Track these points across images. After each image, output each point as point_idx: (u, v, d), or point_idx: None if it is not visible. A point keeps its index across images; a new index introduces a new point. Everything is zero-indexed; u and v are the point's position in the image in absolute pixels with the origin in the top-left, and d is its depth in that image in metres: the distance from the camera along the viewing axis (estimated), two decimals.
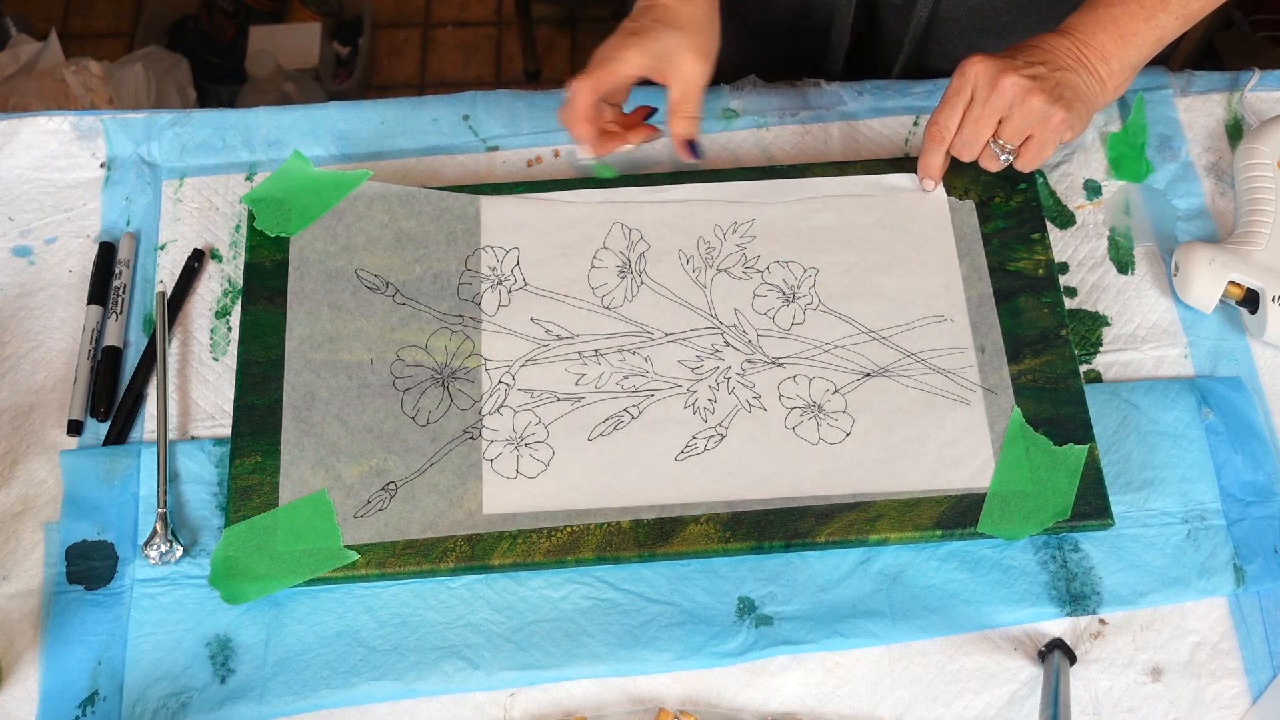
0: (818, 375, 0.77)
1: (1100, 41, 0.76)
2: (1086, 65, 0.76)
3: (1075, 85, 0.75)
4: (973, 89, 0.76)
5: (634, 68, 0.76)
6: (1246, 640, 0.72)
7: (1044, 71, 0.74)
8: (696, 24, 0.77)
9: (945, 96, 0.77)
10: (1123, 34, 0.76)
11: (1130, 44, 0.76)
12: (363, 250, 0.81)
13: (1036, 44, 0.76)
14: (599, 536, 0.72)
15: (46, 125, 0.89)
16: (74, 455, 0.77)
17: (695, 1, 0.78)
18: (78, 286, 0.84)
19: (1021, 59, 0.75)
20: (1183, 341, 0.80)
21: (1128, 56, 0.76)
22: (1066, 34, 0.77)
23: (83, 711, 0.70)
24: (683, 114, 0.78)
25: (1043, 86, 0.74)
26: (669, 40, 0.76)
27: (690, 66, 0.77)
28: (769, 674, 0.71)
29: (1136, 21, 0.76)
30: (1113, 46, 0.76)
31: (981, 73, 0.75)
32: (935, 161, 0.80)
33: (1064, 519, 0.72)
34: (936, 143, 0.79)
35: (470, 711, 0.71)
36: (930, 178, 0.82)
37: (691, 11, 0.78)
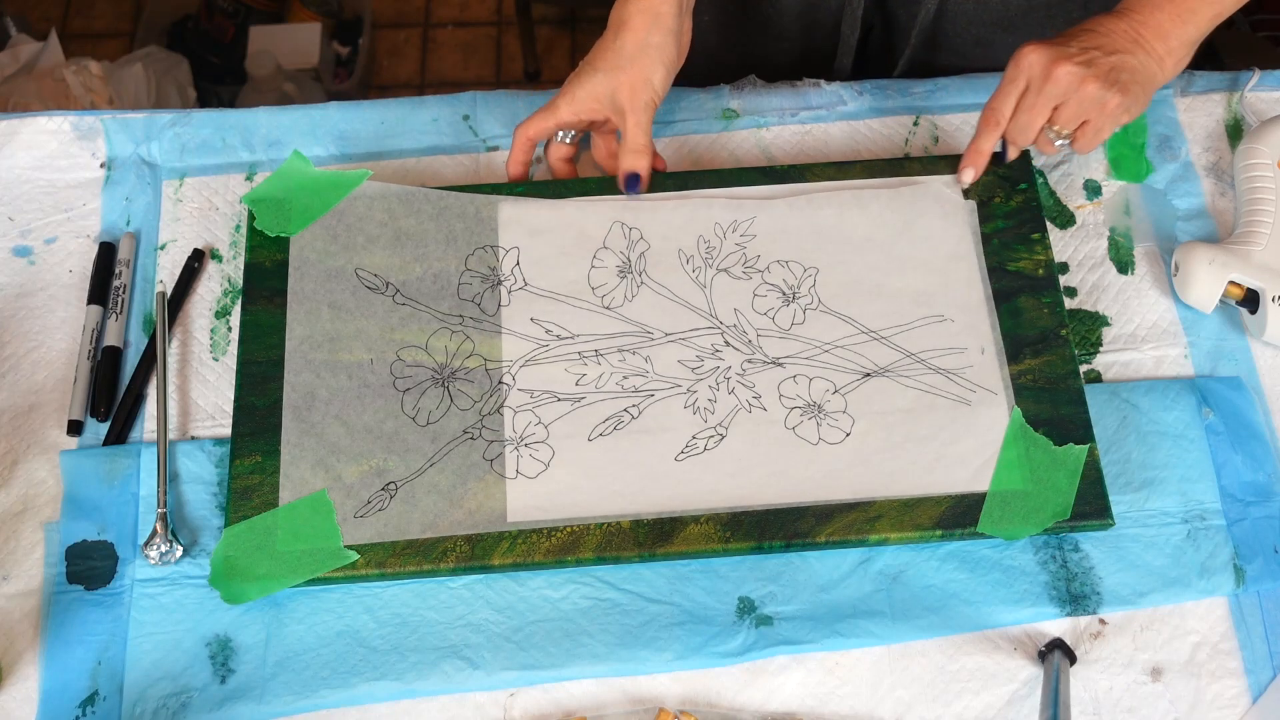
0: (818, 375, 0.77)
1: (1158, 20, 0.76)
2: (1144, 45, 0.76)
3: (1132, 67, 0.75)
4: (1028, 79, 0.76)
5: (567, 115, 0.81)
6: (1246, 640, 0.72)
7: (1098, 56, 0.74)
8: (635, 57, 0.79)
9: (1001, 86, 0.78)
10: (1180, 11, 0.76)
11: (1189, 21, 0.76)
12: (362, 250, 0.81)
13: (1092, 27, 0.76)
14: (599, 536, 0.72)
15: (46, 125, 0.89)
16: (74, 455, 0.77)
17: (639, 35, 0.79)
18: (78, 286, 0.84)
19: (1076, 45, 0.75)
20: (1183, 341, 0.80)
21: (1186, 33, 0.76)
22: (1123, 15, 0.77)
23: (83, 711, 0.70)
24: (629, 149, 0.81)
25: (1097, 72, 0.74)
26: (603, 82, 0.79)
27: (631, 100, 0.79)
28: (769, 674, 0.71)
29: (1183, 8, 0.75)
30: (1171, 24, 0.76)
31: (1035, 62, 0.75)
32: (986, 147, 0.80)
33: (1064, 519, 0.72)
34: (991, 127, 0.79)
35: (470, 711, 0.71)
36: (974, 166, 0.80)
37: (633, 42, 0.79)
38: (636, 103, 0.79)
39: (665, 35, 0.79)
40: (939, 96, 0.89)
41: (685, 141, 0.88)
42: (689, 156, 0.88)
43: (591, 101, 0.80)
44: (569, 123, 0.81)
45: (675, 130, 0.88)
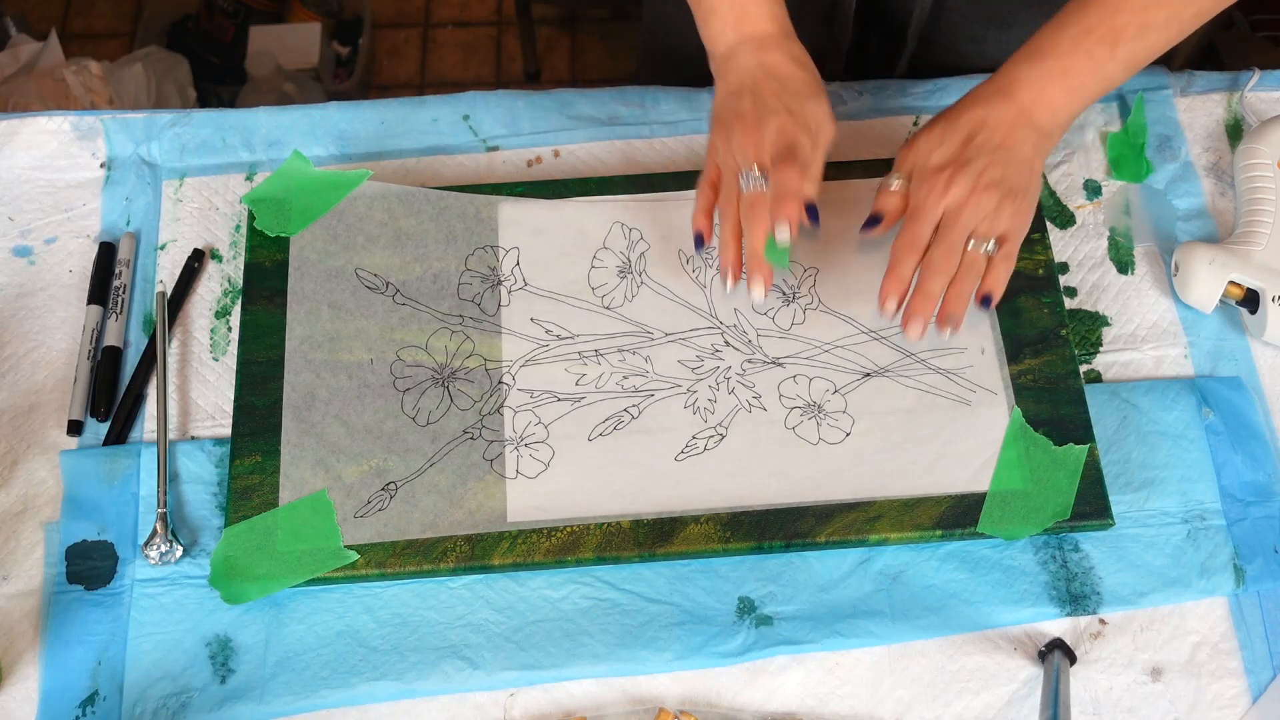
0: (818, 375, 0.77)
1: (1050, 96, 0.73)
2: (1034, 127, 0.74)
3: (1016, 175, 0.73)
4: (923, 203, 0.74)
5: (811, 151, 0.74)
6: (1246, 640, 0.72)
7: (984, 164, 0.73)
8: (821, 87, 0.76)
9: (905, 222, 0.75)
10: (1072, 87, 0.73)
11: (1079, 98, 0.74)
12: (362, 250, 0.81)
13: (980, 118, 0.74)
14: (599, 536, 0.72)
15: (46, 125, 0.89)
16: (74, 455, 0.77)
17: (807, 66, 0.76)
18: (78, 286, 0.84)
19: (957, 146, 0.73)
20: (1183, 341, 0.80)
21: (1075, 109, 0.75)
22: (1011, 95, 0.74)
23: (83, 711, 0.70)
24: (813, 176, 0.74)
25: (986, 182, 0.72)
26: (818, 112, 0.75)
27: (829, 131, 0.75)
28: (769, 674, 0.71)
29: (1086, 74, 0.73)
30: (1063, 100, 0.73)
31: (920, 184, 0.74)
32: (907, 272, 0.74)
33: (1064, 519, 0.72)
34: (911, 252, 0.74)
35: (470, 711, 0.71)
36: (896, 295, 0.74)
37: (812, 77, 0.76)
38: (834, 130, 0.77)
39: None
40: (939, 96, 0.89)
41: (686, 141, 0.88)
42: (689, 157, 0.88)
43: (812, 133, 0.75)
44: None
45: (676, 130, 0.88)
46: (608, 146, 0.88)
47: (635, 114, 0.89)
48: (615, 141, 0.88)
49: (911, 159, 0.76)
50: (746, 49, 0.76)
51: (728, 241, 0.75)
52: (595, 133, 0.88)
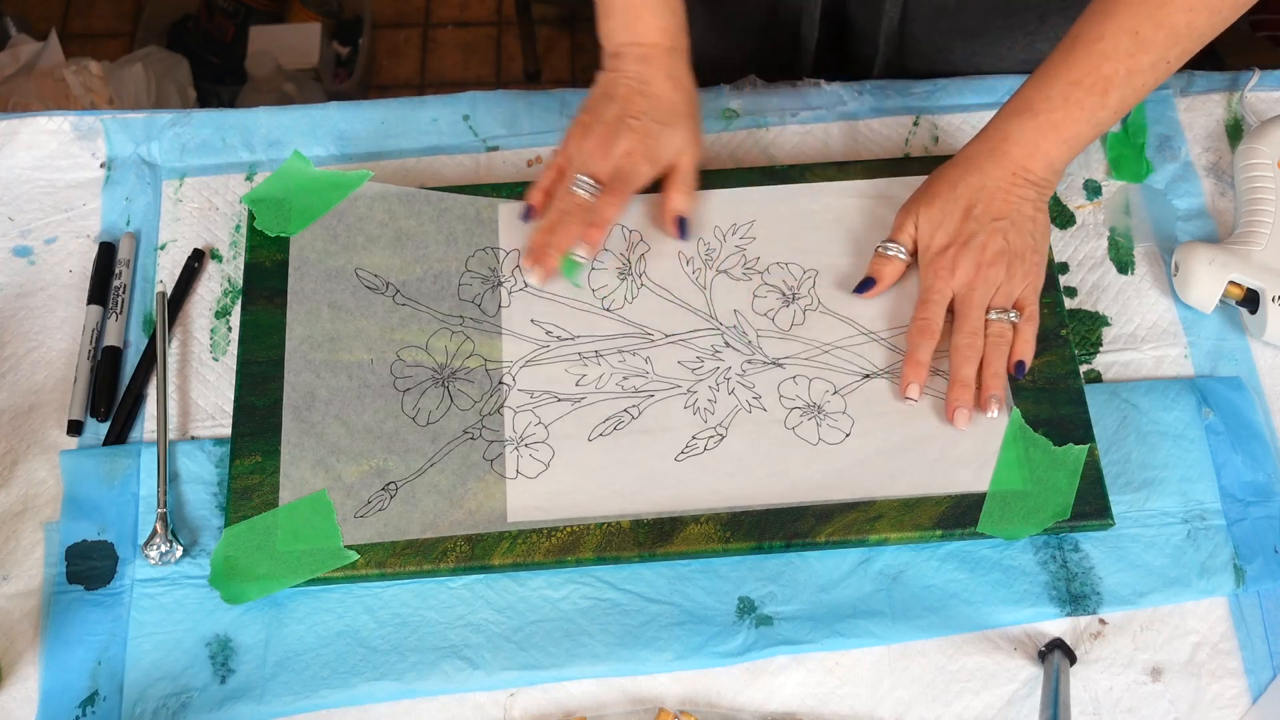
0: (817, 376, 0.77)
1: (1044, 150, 0.74)
2: (1031, 183, 0.75)
3: (1019, 239, 0.75)
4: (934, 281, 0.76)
5: (649, 179, 0.80)
6: (1246, 640, 0.72)
7: (983, 237, 0.74)
8: (692, 111, 0.80)
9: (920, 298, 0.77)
10: (1066, 139, 0.74)
11: (1073, 147, 0.75)
12: (363, 250, 0.81)
13: (974, 200, 0.75)
14: (599, 536, 0.72)
15: (46, 125, 0.89)
16: (74, 455, 0.77)
17: (684, 87, 0.80)
18: (78, 286, 0.84)
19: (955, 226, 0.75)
20: (1183, 341, 0.80)
21: (1070, 157, 0.75)
22: (1004, 155, 0.74)
23: (83, 711, 0.70)
24: (683, 191, 0.80)
25: (993, 275, 0.74)
26: (674, 141, 0.79)
27: (692, 157, 0.80)
28: (769, 674, 0.71)
29: (1079, 124, 0.73)
30: (1057, 151, 0.74)
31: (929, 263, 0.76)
32: (925, 356, 0.75)
33: (1064, 519, 0.72)
34: (926, 336, 0.75)
35: (470, 711, 0.71)
36: (918, 380, 0.74)
37: (685, 100, 0.80)
38: (699, 155, 0.81)
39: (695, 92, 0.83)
40: (939, 96, 0.89)
41: None
42: None
43: (668, 164, 0.81)
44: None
45: None
46: None
47: None
48: None
49: (911, 232, 0.77)
50: (632, 54, 0.80)
51: (547, 230, 0.79)
52: None
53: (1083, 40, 0.72)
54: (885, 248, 0.78)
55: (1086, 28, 0.73)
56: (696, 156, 0.80)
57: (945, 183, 0.76)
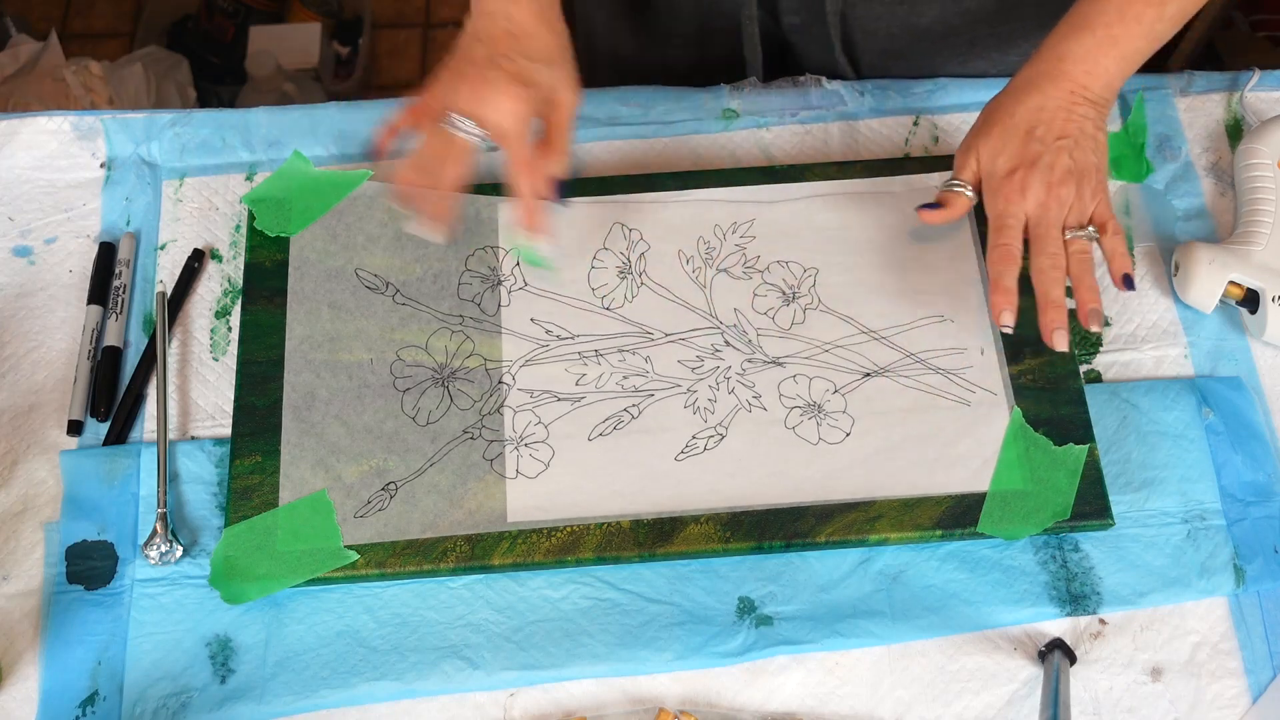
0: (818, 375, 0.77)
1: (1103, 67, 0.72)
2: (1090, 101, 0.72)
3: (1084, 156, 0.72)
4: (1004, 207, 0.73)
5: (527, 117, 0.74)
6: (1246, 640, 0.72)
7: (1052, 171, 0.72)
8: (564, 53, 0.76)
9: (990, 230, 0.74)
10: (1124, 54, 0.72)
11: (1131, 63, 0.73)
12: (362, 250, 0.81)
13: (1035, 122, 0.72)
14: (599, 536, 0.72)
15: (46, 125, 0.89)
16: (74, 455, 0.77)
17: (556, 28, 0.76)
18: (78, 286, 0.84)
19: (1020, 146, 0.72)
20: (1183, 341, 0.80)
21: (1127, 74, 0.74)
22: (1062, 75, 0.72)
23: (83, 711, 0.70)
24: (558, 151, 0.75)
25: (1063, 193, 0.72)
26: (548, 76, 0.74)
27: (570, 100, 0.75)
28: (769, 674, 0.71)
29: (1137, 39, 0.72)
30: (1116, 68, 0.72)
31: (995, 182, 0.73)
32: (1012, 282, 0.73)
33: (1064, 519, 0.72)
34: (1008, 261, 0.73)
35: (470, 711, 0.71)
36: (1010, 307, 0.72)
37: (557, 41, 0.75)
38: (576, 101, 0.76)
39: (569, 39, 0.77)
40: (939, 96, 0.89)
41: (685, 141, 0.88)
42: (689, 156, 0.88)
43: (544, 102, 0.76)
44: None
45: (675, 130, 0.88)
46: (608, 146, 0.88)
47: (635, 114, 0.89)
48: (615, 141, 0.88)
49: (974, 166, 0.75)
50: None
51: (419, 171, 0.76)
52: (595, 133, 0.88)
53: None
54: (950, 185, 0.76)
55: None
56: (574, 99, 0.75)
57: (1002, 111, 0.74)
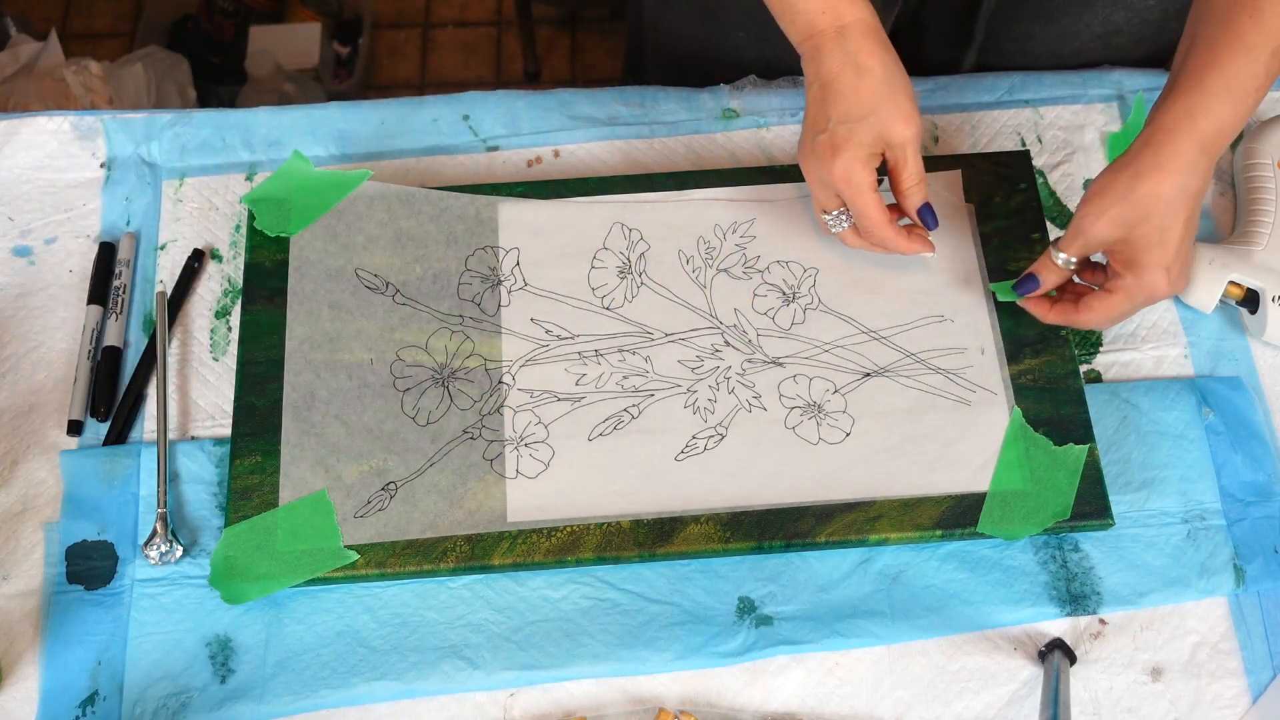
0: (818, 375, 0.77)
1: (1233, 126, 0.67)
2: (1213, 161, 0.68)
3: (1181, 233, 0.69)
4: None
5: (873, 181, 0.73)
6: (1246, 640, 0.72)
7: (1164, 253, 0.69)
8: (885, 87, 0.71)
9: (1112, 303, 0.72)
10: (1236, 99, 0.67)
11: (1246, 105, 0.68)
12: (362, 250, 0.81)
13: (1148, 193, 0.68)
14: (599, 536, 0.72)
15: (46, 125, 0.89)
16: (74, 455, 0.77)
17: (866, 65, 0.71)
18: (78, 286, 0.84)
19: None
20: (1183, 341, 0.80)
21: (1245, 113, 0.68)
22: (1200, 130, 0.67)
23: (83, 711, 0.70)
24: (907, 189, 0.75)
25: (1187, 272, 0.70)
26: (867, 128, 0.72)
27: (901, 134, 0.72)
28: (769, 674, 0.71)
29: (1262, 92, 0.67)
30: (1231, 118, 0.67)
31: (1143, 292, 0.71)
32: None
33: (1064, 519, 0.72)
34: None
35: (470, 711, 0.71)
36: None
37: (870, 82, 0.71)
38: (909, 131, 0.73)
39: (892, 56, 0.73)
40: (939, 96, 0.89)
41: (685, 141, 0.88)
42: (689, 156, 0.88)
43: (881, 151, 0.74)
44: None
45: (675, 130, 0.88)
46: (608, 146, 0.88)
47: (635, 114, 0.89)
48: (615, 141, 0.88)
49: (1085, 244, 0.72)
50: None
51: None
52: (595, 133, 0.88)
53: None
54: (1055, 255, 0.74)
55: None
56: (906, 132, 0.72)
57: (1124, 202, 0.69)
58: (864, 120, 0.72)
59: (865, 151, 0.72)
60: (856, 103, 0.71)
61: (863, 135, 0.72)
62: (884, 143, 0.72)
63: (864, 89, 0.71)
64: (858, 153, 0.72)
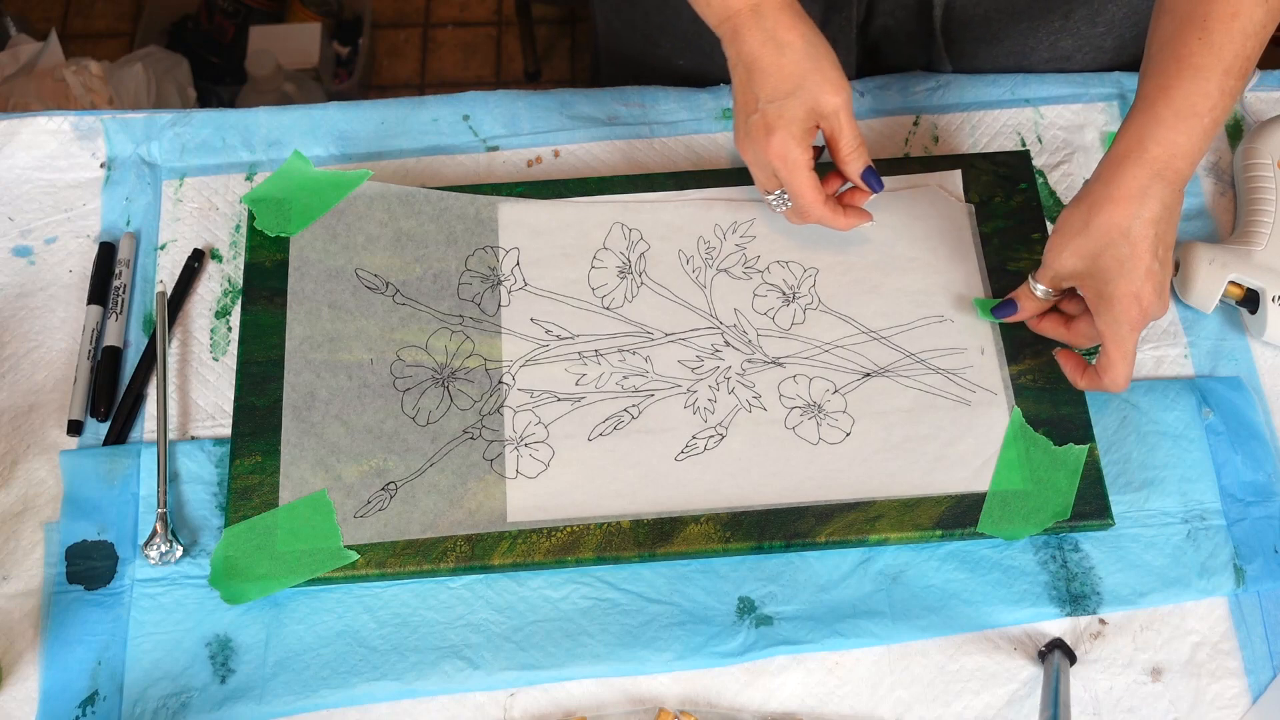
0: (818, 375, 0.77)
1: (1190, 149, 0.67)
2: (1173, 185, 0.67)
3: (1169, 254, 0.69)
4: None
5: (809, 158, 0.73)
6: (1246, 640, 0.72)
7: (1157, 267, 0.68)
8: (809, 62, 0.71)
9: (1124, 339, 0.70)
10: (1187, 123, 0.67)
11: (1200, 127, 0.67)
12: (363, 250, 0.81)
13: (1117, 225, 0.67)
14: (599, 536, 0.72)
15: (46, 125, 0.89)
16: (74, 455, 0.77)
17: (785, 39, 0.71)
18: (78, 286, 0.84)
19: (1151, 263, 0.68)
20: (1183, 341, 0.80)
21: (1207, 144, 0.68)
22: (1142, 158, 0.67)
23: (83, 711, 0.70)
24: (847, 153, 0.74)
25: (1164, 294, 0.69)
26: (796, 104, 0.72)
27: (832, 102, 0.72)
28: (769, 674, 0.71)
29: (1218, 111, 0.67)
30: (1184, 142, 0.67)
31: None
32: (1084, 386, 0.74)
33: (1064, 519, 0.72)
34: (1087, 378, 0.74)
35: (470, 711, 0.71)
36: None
37: (791, 59, 0.71)
38: (838, 99, 0.72)
39: (816, 36, 0.73)
40: (939, 96, 0.89)
41: (685, 141, 0.88)
42: (689, 156, 0.88)
43: (813, 124, 0.74)
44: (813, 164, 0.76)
45: (675, 130, 0.88)
46: (608, 146, 0.88)
47: (635, 114, 0.89)
48: (615, 141, 0.88)
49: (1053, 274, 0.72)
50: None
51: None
52: (595, 133, 0.88)
53: (1217, 18, 0.66)
54: (1034, 287, 0.74)
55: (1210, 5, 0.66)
56: (836, 99, 0.72)
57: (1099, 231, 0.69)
58: (792, 95, 0.72)
59: (799, 127, 0.72)
60: (782, 79, 0.72)
61: (794, 110, 0.72)
62: (816, 115, 0.72)
63: (787, 64, 0.71)
64: (791, 129, 0.72)
